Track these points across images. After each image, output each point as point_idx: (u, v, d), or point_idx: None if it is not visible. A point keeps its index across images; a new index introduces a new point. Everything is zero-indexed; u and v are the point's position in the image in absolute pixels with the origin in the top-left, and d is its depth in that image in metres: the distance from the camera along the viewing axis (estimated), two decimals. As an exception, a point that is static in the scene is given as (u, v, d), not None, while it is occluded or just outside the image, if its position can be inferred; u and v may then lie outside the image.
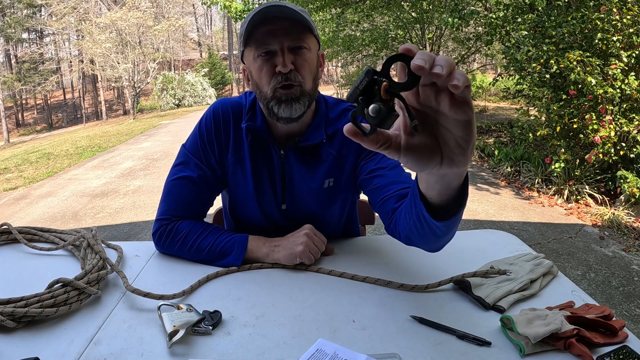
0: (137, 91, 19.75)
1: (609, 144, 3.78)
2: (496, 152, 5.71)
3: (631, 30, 3.77)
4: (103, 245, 1.06)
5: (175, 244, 1.02)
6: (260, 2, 7.23)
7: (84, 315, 0.80)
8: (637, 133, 3.78)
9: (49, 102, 28.31)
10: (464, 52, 9.94)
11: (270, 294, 0.87)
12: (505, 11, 5.24)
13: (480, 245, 1.07)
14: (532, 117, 4.87)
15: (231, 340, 0.73)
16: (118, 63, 18.73)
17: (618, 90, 3.71)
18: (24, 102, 28.32)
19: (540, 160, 4.93)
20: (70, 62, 27.15)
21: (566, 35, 4.06)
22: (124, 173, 6.43)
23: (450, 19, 5.31)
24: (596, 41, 3.87)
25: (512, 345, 0.70)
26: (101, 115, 24.31)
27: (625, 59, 3.74)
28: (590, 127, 3.83)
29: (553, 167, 4.23)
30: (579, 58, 3.78)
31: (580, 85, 3.93)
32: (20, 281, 0.93)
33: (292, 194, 1.07)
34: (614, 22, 3.79)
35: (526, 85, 4.80)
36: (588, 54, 3.85)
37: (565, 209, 4.13)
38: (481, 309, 0.80)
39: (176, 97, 20.87)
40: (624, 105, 3.94)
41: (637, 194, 3.59)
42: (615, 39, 3.77)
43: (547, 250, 3.24)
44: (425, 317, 0.76)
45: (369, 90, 0.42)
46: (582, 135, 4.03)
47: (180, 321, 0.74)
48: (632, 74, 3.77)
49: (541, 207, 4.24)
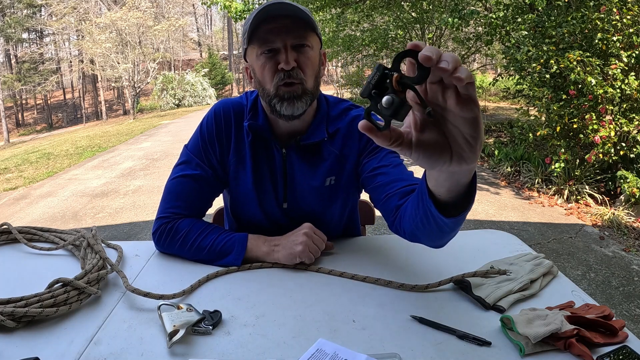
0: (137, 91, 19.74)
1: (609, 144, 3.78)
2: (496, 152, 5.71)
3: (631, 30, 3.77)
4: (103, 245, 1.06)
5: (175, 242, 1.01)
6: (260, 2, 7.23)
7: (84, 315, 0.80)
8: (637, 133, 3.78)
9: (49, 102, 28.31)
10: (464, 52, 9.94)
11: (270, 294, 0.87)
12: (505, 11, 5.24)
13: (480, 245, 1.07)
14: (532, 117, 4.87)
15: (231, 340, 0.73)
16: (118, 63, 18.72)
17: (618, 90, 3.71)
18: (24, 102, 28.32)
19: (540, 160, 4.93)
20: (70, 62, 27.15)
21: (566, 35, 4.06)
22: (124, 173, 6.43)
23: (450, 19, 5.32)
24: (596, 41, 3.87)
25: (512, 345, 0.70)
26: (101, 115, 24.31)
27: (625, 59, 3.74)
28: (590, 127, 3.83)
29: (553, 167, 4.23)
30: (579, 58, 3.78)
31: (580, 85, 3.93)
32: (20, 281, 0.93)
33: (293, 193, 1.08)
34: (614, 22, 3.79)
35: (526, 85, 4.80)
36: (588, 54, 3.85)
37: (565, 209, 4.13)
38: (481, 308, 0.80)
39: (176, 97, 20.87)
40: (624, 105, 3.94)
41: (637, 194, 3.59)
42: (615, 39, 3.77)
43: (547, 250, 3.24)
44: (426, 317, 0.77)
45: (381, 84, 0.44)
46: (582, 135, 4.03)
47: (180, 321, 0.73)
48: (632, 74, 3.77)
49: (541, 207, 4.24)
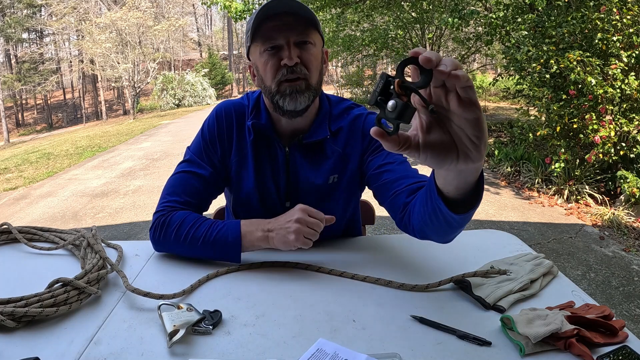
0: (137, 91, 19.74)
1: (609, 144, 3.78)
2: (496, 152, 5.71)
3: (631, 30, 3.77)
4: (103, 244, 1.06)
5: (169, 235, 0.98)
6: (260, 2, 7.23)
7: (84, 315, 0.80)
8: (637, 133, 3.77)
9: (49, 102, 28.31)
10: (464, 52, 9.94)
11: (270, 294, 0.87)
12: (505, 11, 5.24)
13: (481, 245, 1.07)
14: (532, 117, 4.87)
15: (231, 339, 0.73)
16: (118, 63, 18.72)
17: (618, 90, 3.71)
18: (24, 102, 28.31)
19: (540, 160, 4.93)
20: (70, 62, 27.14)
21: (566, 35, 4.06)
22: (124, 173, 6.43)
23: (450, 19, 5.32)
24: (596, 41, 3.87)
25: (513, 345, 0.70)
26: (101, 115, 24.31)
27: (625, 59, 3.74)
28: (590, 127, 3.83)
29: (553, 167, 4.23)
30: (579, 58, 3.78)
31: (580, 85, 3.93)
32: (20, 281, 0.93)
33: (296, 191, 1.08)
34: (614, 22, 3.79)
35: (526, 85, 4.80)
36: (588, 54, 3.85)
37: (565, 209, 4.13)
38: (481, 308, 0.80)
39: (176, 97, 20.86)
40: (624, 105, 3.94)
41: (637, 194, 3.59)
42: (615, 39, 3.77)
43: (547, 250, 3.24)
44: (426, 317, 0.77)
45: (385, 91, 0.47)
46: (582, 135, 4.03)
47: (181, 321, 0.73)
48: (632, 74, 3.77)
49: (541, 207, 4.24)
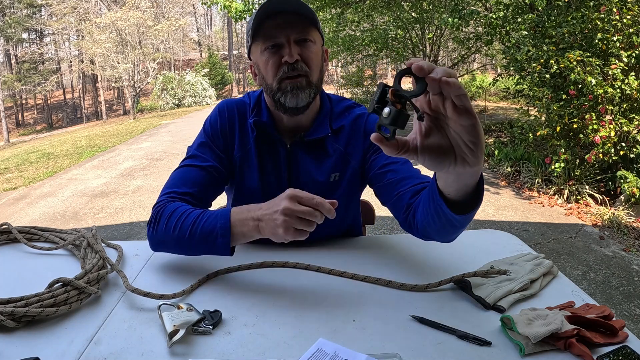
0: (137, 91, 19.74)
1: (609, 144, 3.78)
2: (496, 152, 5.71)
3: (631, 30, 3.77)
4: (103, 244, 1.06)
5: (161, 227, 0.92)
6: (260, 1, 7.23)
7: (84, 315, 0.80)
8: (637, 133, 3.78)
9: (49, 102, 28.31)
10: (464, 52, 9.94)
11: (270, 294, 0.87)
12: (505, 11, 5.24)
13: (481, 245, 1.07)
14: (532, 117, 4.87)
15: (231, 339, 0.73)
16: (118, 63, 18.72)
17: (618, 90, 3.71)
18: (24, 102, 28.32)
19: (540, 160, 4.93)
20: (70, 62, 27.15)
21: (566, 35, 4.06)
22: (124, 173, 6.43)
23: (450, 19, 5.32)
24: (596, 41, 3.87)
25: (513, 345, 0.70)
26: (101, 115, 24.31)
27: (625, 59, 3.74)
28: (590, 127, 3.83)
29: (553, 167, 4.23)
30: (579, 58, 3.78)
31: (580, 85, 3.93)
32: (20, 281, 0.93)
33: (298, 187, 1.07)
34: (614, 22, 3.79)
35: (526, 85, 4.80)
36: (588, 54, 3.85)
37: (565, 209, 4.13)
38: (481, 308, 0.80)
39: (176, 97, 20.87)
40: (624, 105, 3.94)
41: (637, 194, 3.59)
42: (615, 39, 3.77)
43: (547, 250, 3.24)
44: (426, 316, 0.76)
45: (382, 99, 0.51)
46: (582, 135, 4.03)
47: (181, 321, 0.73)
48: (632, 74, 3.77)
49: (541, 207, 4.24)
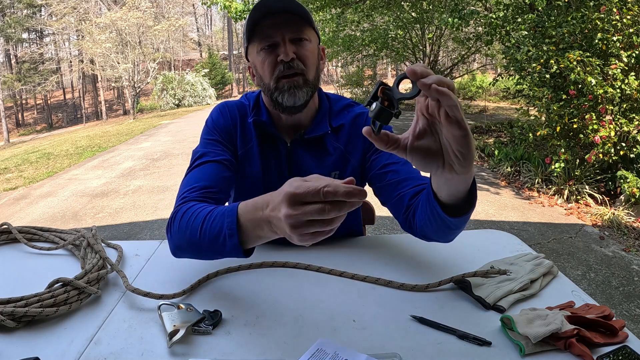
0: (137, 91, 19.74)
1: (609, 144, 3.78)
2: (496, 152, 5.71)
3: (631, 30, 3.77)
4: (103, 244, 1.06)
5: (175, 229, 0.85)
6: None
7: (84, 315, 0.80)
8: (637, 133, 3.77)
9: (49, 102, 28.31)
10: (464, 52, 9.94)
11: (270, 294, 0.86)
12: (505, 11, 5.24)
13: (480, 245, 1.07)
14: (532, 117, 4.87)
15: (231, 339, 0.73)
16: (118, 63, 18.71)
17: (618, 90, 3.71)
18: (24, 102, 28.31)
19: (540, 160, 4.93)
20: (70, 62, 27.15)
21: (566, 35, 4.06)
22: (124, 173, 6.43)
23: (450, 19, 5.32)
24: (596, 41, 3.87)
25: (513, 345, 0.70)
26: (101, 115, 24.31)
27: (625, 59, 3.74)
28: (590, 127, 3.83)
29: (553, 167, 4.23)
30: (579, 58, 3.78)
31: (580, 85, 3.93)
32: (20, 281, 0.93)
33: None
34: (614, 22, 3.79)
35: (526, 85, 4.80)
36: (588, 54, 3.85)
37: (565, 209, 4.13)
38: (481, 308, 0.80)
39: (176, 97, 20.86)
40: (624, 105, 3.94)
41: (637, 194, 3.59)
42: (615, 39, 3.77)
43: (547, 250, 3.24)
44: (426, 316, 0.76)
45: (375, 95, 0.55)
46: (582, 135, 4.03)
47: (181, 321, 0.73)
48: (632, 74, 3.77)
49: (541, 207, 4.24)
